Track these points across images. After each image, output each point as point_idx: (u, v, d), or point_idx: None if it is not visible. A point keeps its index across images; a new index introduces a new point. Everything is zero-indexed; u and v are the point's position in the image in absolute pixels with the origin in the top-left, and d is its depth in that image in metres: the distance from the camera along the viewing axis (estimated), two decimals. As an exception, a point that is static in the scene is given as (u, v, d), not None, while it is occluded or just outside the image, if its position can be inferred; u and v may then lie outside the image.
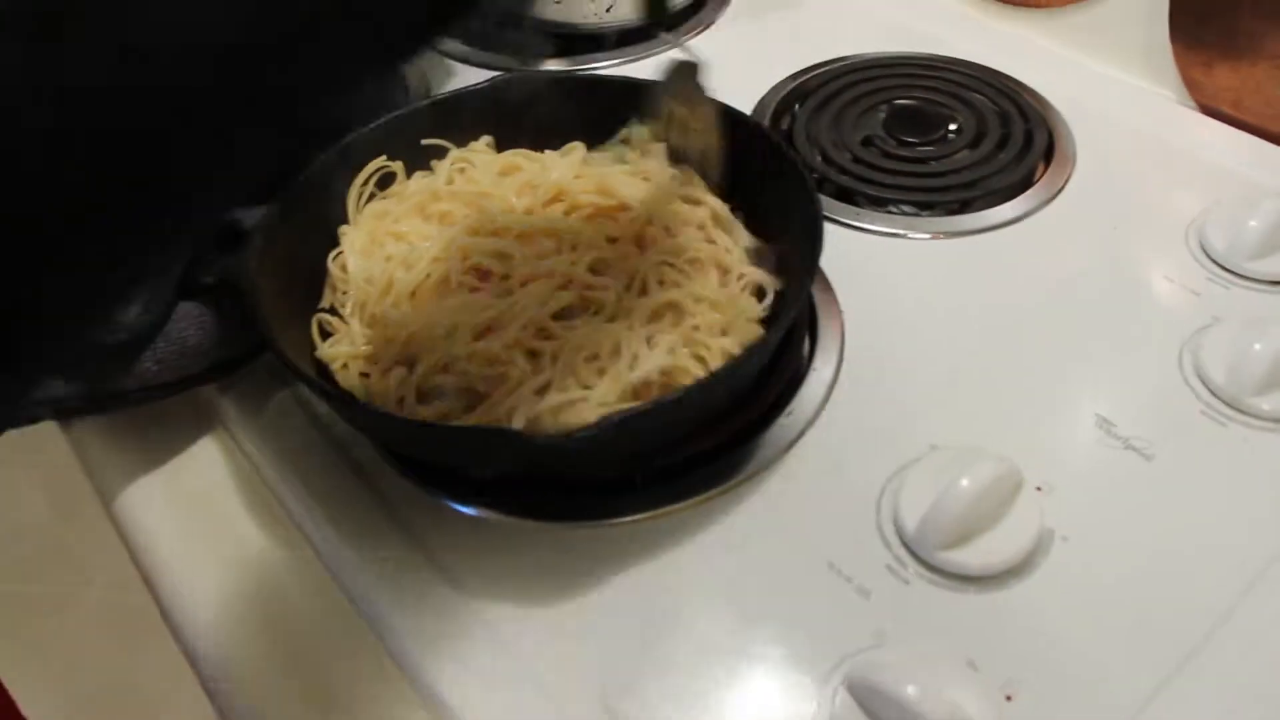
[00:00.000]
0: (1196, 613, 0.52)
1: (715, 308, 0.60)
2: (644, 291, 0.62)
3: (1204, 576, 0.54)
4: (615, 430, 0.49)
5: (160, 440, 0.69)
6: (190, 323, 0.66)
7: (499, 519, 0.58)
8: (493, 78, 0.75)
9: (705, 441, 0.59)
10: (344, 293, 0.67)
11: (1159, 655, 0.51)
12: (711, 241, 0.65)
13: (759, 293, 0.64)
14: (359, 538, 0.58)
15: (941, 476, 0.55)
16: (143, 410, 0.68)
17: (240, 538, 0.63)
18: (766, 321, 0.62)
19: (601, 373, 0.57)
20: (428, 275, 0.64)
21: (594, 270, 0.64)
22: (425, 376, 0.58)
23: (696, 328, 0.59)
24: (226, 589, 0.61)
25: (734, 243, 0.66)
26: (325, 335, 0.65)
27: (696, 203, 0.68)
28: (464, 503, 0.59)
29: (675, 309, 0.60)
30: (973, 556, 0.54)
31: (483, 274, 0.65)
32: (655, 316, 0.60)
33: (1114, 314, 0.68)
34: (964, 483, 0.54)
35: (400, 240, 0.67)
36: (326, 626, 0.58)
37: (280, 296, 0.63)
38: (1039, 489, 0.58)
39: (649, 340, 0.59)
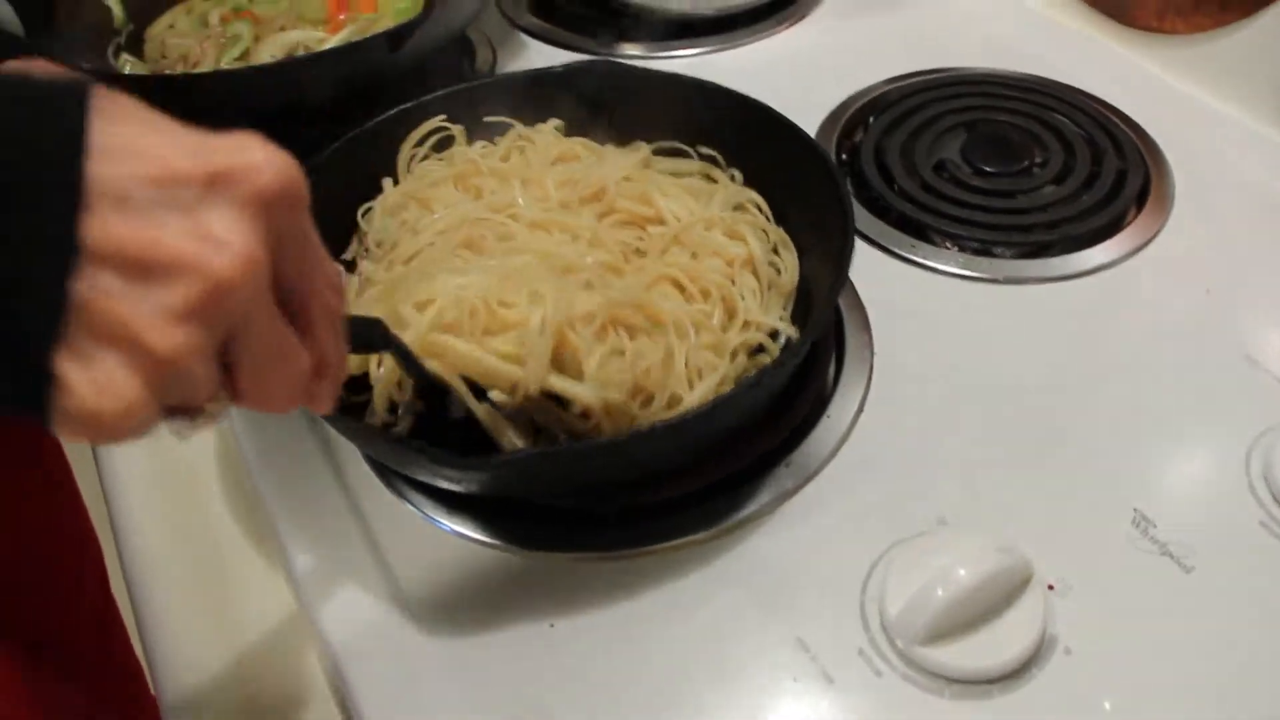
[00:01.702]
0: (1209, 759, 0.46)
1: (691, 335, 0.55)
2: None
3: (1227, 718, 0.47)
4: (541, 461, 0.46)
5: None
6: None
7: (459, 535, 0.55)
8: (573, 62, 0.71)
9: (689, 483, 0.55)
10: (365, 248, 0.64)
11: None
12: (730, 280, 0.60)
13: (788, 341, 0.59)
14: (320, 528, 0.56)
15: (939, 559, 0.49)
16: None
17: (205, 506, 0.61)
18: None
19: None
20: (431, 244, 0.61)
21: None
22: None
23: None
24: (183, 566, 0.59)
25: (760, 289, 0.61)
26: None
27: (739, 239, 0.63)
28: (429, 510, 0.56)
29: (655, 320, 0.55)
30: (956, 656, 0.48)
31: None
32: (636, 307, 0.55)
33: (1182, 393, 0.60)
34: (960, 572, 0.48)
35: (423, 207, 0.65)
36: (268, 610, 0.56)
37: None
38: (1051, 587, 0.51)
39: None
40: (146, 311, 0.30)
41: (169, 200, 0.31)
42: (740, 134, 0.67)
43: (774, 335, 0.59)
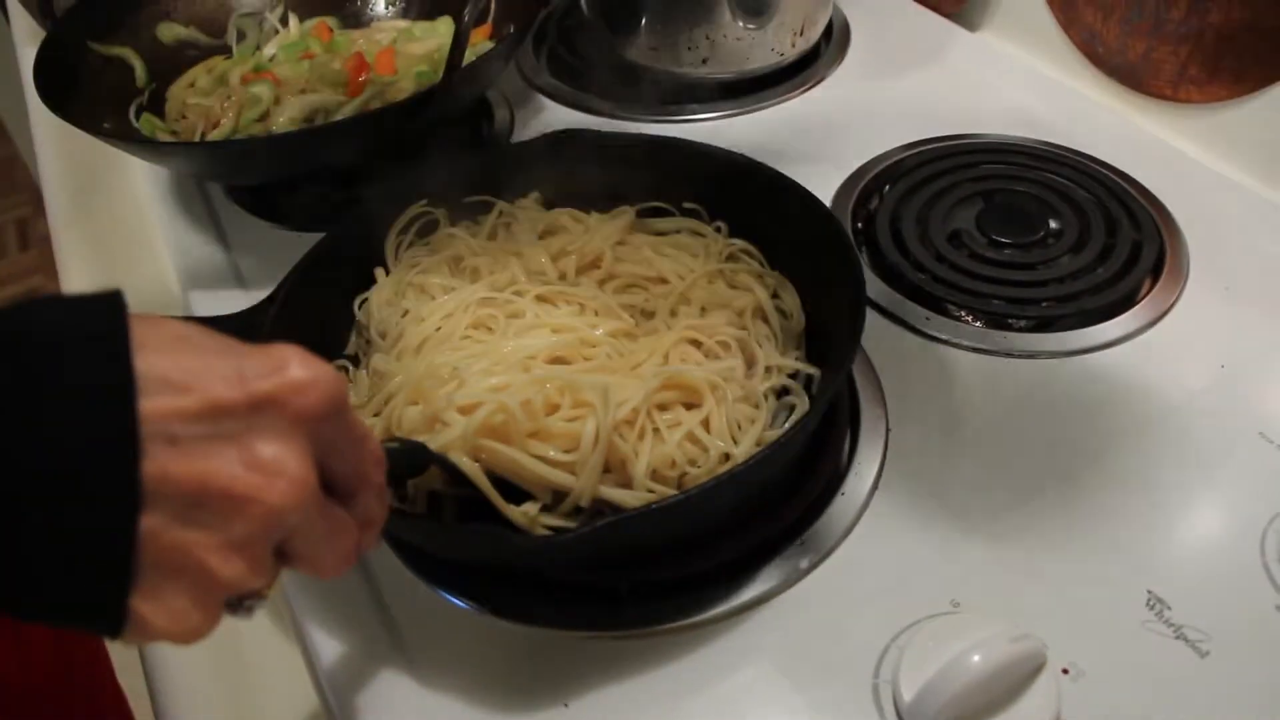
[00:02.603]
0: None
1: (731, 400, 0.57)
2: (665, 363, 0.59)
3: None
4: (614, 529, 0.47)
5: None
6: None
7: (474, 612, 0.55)
8: (546, 134, 0.72)
9: (703, 561, 0.55)
10: (367, 340, 0.65)
11: None
12: (743, 329, 0.61)
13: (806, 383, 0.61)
14: (335, 602, 0.56)
15: (954, 644, 0.49)
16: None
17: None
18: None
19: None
20: (437, 329, 0.62)
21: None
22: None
23: (706, 422, 0.56)
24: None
25: (772, 333, 0.62)
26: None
27: (744, 289, 0.64)
28: (444, 589, 0.56)
29: (688, 390, 0.56)
30: (970, 744, 0.48)
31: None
32: (667, 386, 0.56)
33: (1198, 472, 0.60)
34: (974, 658, 0.48)
35: (422, 293, 0.65)
36: (285, 689, 0.56)
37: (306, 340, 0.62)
38: (1065, 671, 0.51)
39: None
40: (208, 544, 0.32)
41: (216, 432, 0.32)
42: (725, 189, 0.68)
43: (793, 375, 0.61)
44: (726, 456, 0.55)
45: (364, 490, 0.39)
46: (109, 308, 0.32)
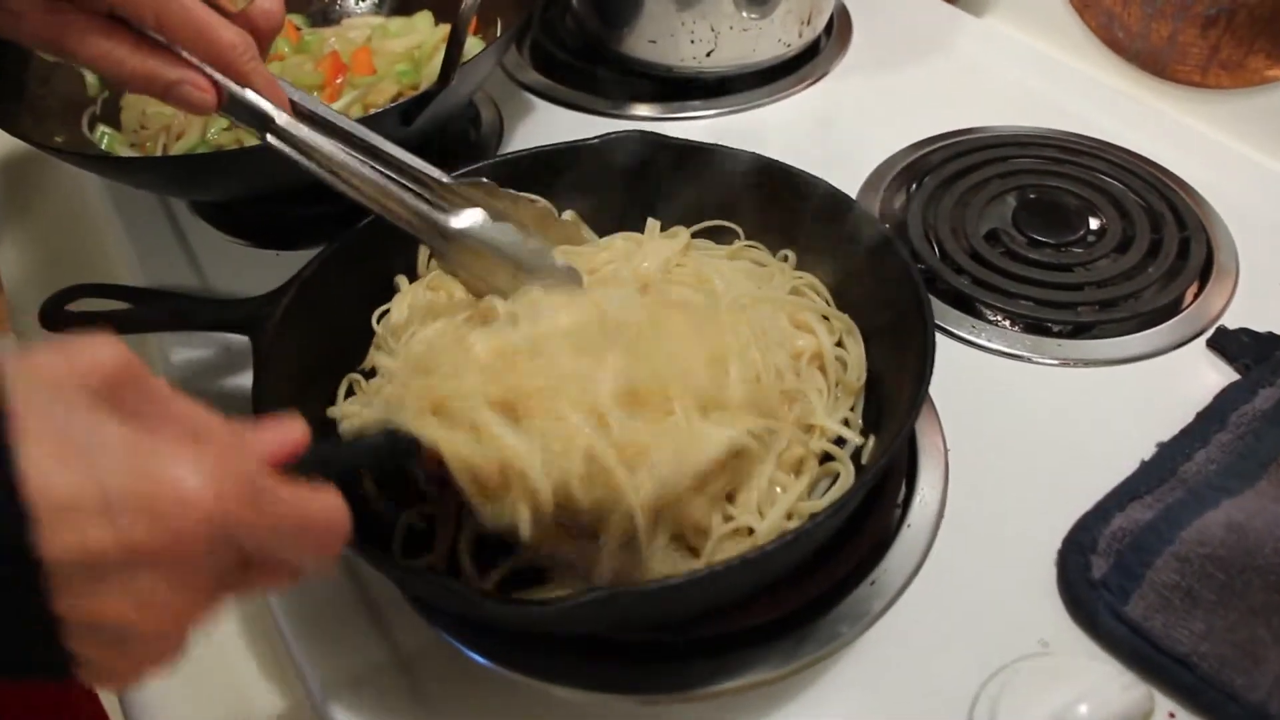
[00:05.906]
0: None
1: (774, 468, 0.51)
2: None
3: None
4: (588, 607, 0.42)
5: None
6: None
7: (518, 680, 0.49)
8: (608, 134, 0.64)
9: (765, 613, 0.50)
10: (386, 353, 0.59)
11: None
12: (796, 374, 0.55)
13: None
14: (357, 675, 0.50)
15: (1053, 693, 0.45)
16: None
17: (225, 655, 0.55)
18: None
19: None
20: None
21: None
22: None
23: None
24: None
25: (827, 385, 0.56)
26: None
27: (805, 328, 0.58)
28: (474, 648, 0.50)
29: (741, 455, 0.50)
30: (1087, 806, 0.43)
31: None
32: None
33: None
34: (1082, 709, 0.44)
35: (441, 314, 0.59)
36: None
37: (311, 352, 0.57)
38: (1172, 715, 0.47)
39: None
40: (117, 655, 0.32)
41: (93, 575, 0.30)
42: (792, 213, 0.62)
43: (840, 441, 0.55)
44: (750, 531, 0.49)
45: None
46: None
